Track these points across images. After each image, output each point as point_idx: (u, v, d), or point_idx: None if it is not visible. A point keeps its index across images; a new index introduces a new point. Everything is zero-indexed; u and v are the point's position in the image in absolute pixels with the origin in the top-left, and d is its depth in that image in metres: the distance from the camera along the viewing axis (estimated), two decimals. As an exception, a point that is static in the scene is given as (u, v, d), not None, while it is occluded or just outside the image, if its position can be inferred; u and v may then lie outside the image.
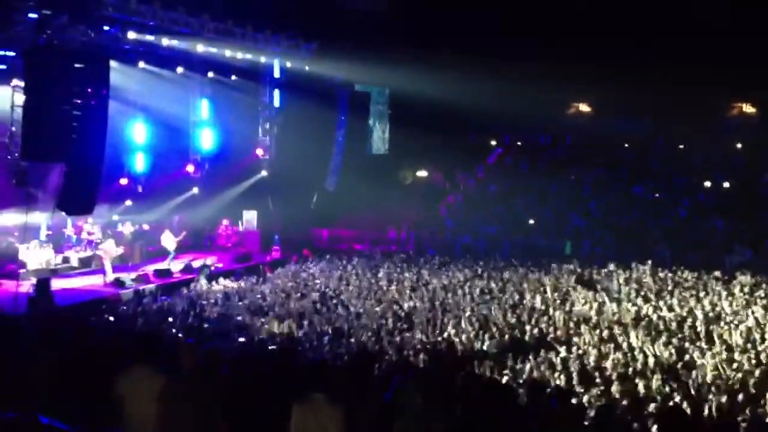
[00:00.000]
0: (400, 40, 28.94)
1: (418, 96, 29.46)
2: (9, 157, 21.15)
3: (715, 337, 14.56)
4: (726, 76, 29.04)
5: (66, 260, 22.70)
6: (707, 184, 32.80)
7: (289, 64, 28.46)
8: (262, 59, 27.68)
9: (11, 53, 19.92)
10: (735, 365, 12.39)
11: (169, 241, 23.97)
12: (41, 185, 22.64)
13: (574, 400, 8.65)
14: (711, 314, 16.82)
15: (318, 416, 5.99)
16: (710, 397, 10.52)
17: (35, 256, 21.03)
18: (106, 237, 23.39)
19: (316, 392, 6.01)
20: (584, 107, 37.82)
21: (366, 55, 27.73)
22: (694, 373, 11.77)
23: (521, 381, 11.19)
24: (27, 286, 18.38)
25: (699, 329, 15.26)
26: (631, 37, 29.19)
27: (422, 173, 37.39)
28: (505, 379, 10.94)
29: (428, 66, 28.05)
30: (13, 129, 20.83)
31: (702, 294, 19.37)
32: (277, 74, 28.75)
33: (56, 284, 18.83)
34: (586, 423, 7.13)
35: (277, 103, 29.37)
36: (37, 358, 7.41)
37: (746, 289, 19.93)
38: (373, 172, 31.68)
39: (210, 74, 27.20)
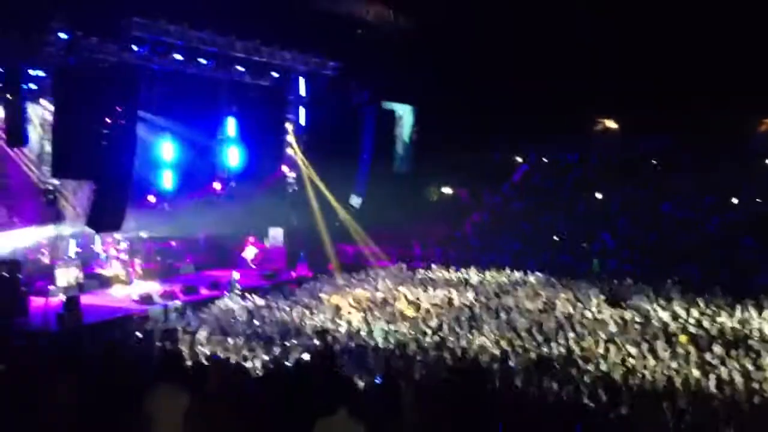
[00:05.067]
0: (425, 59, 29.02)
1: (443, 114, 29.43)
2: (39, 174, 21.53)
3: (745, 357, 14.35)
4: (754, 92, 28.73)
5: (94, 277, 22.90)
6: (735, 200, 32.38)
7: (314, 83, 28.65)
8: (289, 78, 27.91)
9: (41, 73, 20.24)
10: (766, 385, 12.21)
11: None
12: (70, 203, 23.00)
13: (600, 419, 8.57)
14: (741, 333, 16.59)
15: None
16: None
17: (64, 273, 21.28)
18: (133, 254, 23.61)
19: (340, 408, 5.98)
20: (611, 123, 37.56)
21: (391, 73, 27.79)
22: (721, 391, 11.62)
23: (547, 399, 11.09)
24: (56, 302, 18.57)
25: (729, 347, 15.04)
26: (658, 52, 29.02)
27: (447, 190, 37.35)
28: (530, 398, 10.85)
29: (453, 84, 28.07)
30: (44, 147, 21.23)
31: (732, 312, 19.09)
32: (302, 92, 28.94)
33: (84, 301, 18.99)
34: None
35: (303, 121, 29.53)
36: (64, 376, 7.47)
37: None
38: (398, 190, 31.70)
39: (237, 92, 27.47)
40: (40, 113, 22.19)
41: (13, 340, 13.05)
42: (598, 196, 34.82)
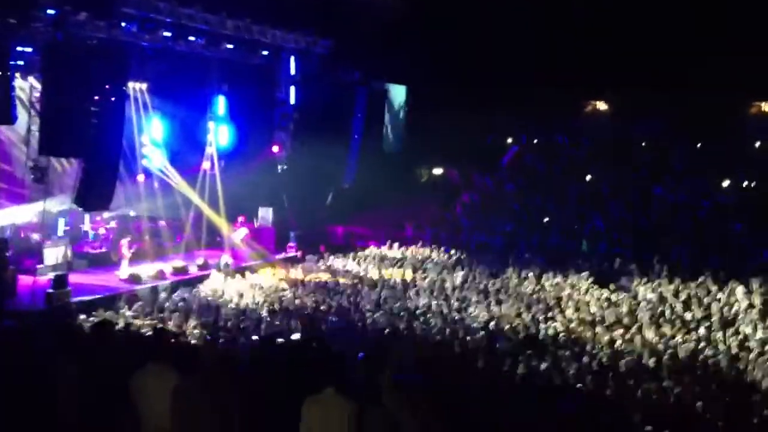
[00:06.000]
0: (417, 38, 28.89)
1: (435, 94, 29.35)
2: (27, 152, 21.37)
3: (731, 338, 14.46)
4: (745, 75, 28.77)
5: (83, 256, 22.83)
6: (725, 183, 32.44)
7: (305, 61, 28.47)
8: (279, 56, 27.74)
9: (29, 49, 20.05)
10: (751, 367, 12.30)
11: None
12: (58, 181, 22.87)
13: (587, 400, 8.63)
14: (728, 315, 16.70)
15: (328, 411, 5.98)
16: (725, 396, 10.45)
17: (52, 251, 21.19)
18: (122, 233, 23.52)
19: (328, 387, 5.99)
20: (602, 105, 37.58)
21: (383, 52, 27.65)
22: (708, 372, 11.71)
23: (534, 381, 11.15)
24: (44, 281, 18.52)
25: (715, 329, 15.15)
26: (650, 34, 29.00)
27: (438, 171, 37.28)
28: (517, 380, 10.91)
29: (445, 64, 27.98)
30: (31, 125, 21.05)
31: (720, 295, 19.16)
32: (293, 71, 28.76)
33: (73, 279, 18.93)
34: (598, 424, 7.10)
35: (293, 100, 29.35)
36: (56, 355, 7.44)
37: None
38: (388, 170, 31.64)
39: (227, 70, 27.26)
40: (28, 90, 22.01)
41: (2, 320, 12.98)
42: (589, 178, 34.85)
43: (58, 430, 6.97)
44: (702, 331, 15.05)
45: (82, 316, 16.04)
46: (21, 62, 20.30)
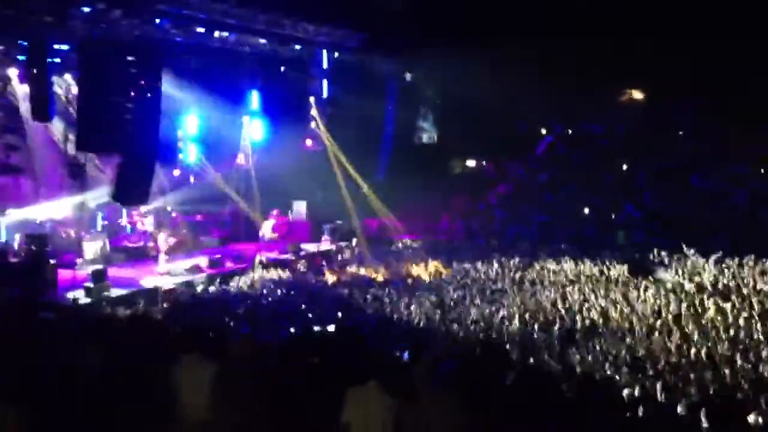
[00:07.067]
0: (449, 29, 28.74)
1: (467, 85, 29.20)
2: (65, 148, 21.73)
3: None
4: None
5: (121, 250, 23.13)
6: (763, 171, 31.86)
7: (337, 55, 28.52)
8: (312, 50, 27.82)
9: (66, 47, 20.34)
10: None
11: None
12: (96, 176, 23.22)
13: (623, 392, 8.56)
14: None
15: (369, 404, 5.99)
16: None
17: (91, 245, 21.52)
18: (159, 227, 23.81)
19: (371, 380, 6.00)
20: (637, 94, 37.08)
21: (415, 44, 27.56)
22: (749, 363, 11.52)
23: (570, 371, 11.07)
24: (83, 275, 18.81)
25: (756, 319, 14.89)
26: (686, 20, 28.55)
27: (471, 162, 37.14)
28: (552, 369, 10.84)
29: (477, 54, 27.78)
30: (69, 121, 21.40)
31: (761, 285, 18.83)
32: (325, 65, 28.83)
33: (111, 273, 19.20)
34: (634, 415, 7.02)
35: (326, 93, 29.43)
36: (92, 346, 7.53)
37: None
38: (421, 162, 31.58)
39: (260, 65, 27.41)
40: (65, 87, 22.36)
41: (41, 313, 13.21)
42: (625, 167, 34.47)
43: (91, 423, 7.07)
44: (742, 321, 14.80)
45: (120, 309, 16.29)
46: (58, 60, 20.63)
